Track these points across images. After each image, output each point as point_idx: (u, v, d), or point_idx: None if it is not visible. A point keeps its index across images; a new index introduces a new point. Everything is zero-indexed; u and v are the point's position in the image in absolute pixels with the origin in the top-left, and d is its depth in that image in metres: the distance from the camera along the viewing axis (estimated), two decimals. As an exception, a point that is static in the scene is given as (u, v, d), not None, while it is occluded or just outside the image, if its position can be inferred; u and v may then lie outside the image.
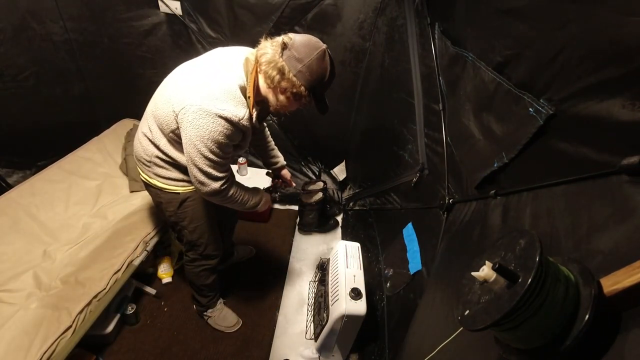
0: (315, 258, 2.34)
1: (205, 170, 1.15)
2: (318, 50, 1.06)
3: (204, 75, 1.13)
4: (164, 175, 1.32)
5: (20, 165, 2.25)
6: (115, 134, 2.26)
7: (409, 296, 1.44)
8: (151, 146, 1.27)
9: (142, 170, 1.37)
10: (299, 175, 2.70)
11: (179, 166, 1.29)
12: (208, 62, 1.18)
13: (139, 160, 1.36)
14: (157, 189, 1.37)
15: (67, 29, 1.98)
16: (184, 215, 1.43)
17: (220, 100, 1.07)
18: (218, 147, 1.11)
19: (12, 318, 1.31)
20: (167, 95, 1.15)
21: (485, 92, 0.99)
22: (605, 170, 0.59)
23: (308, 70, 1.05)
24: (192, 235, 1.50)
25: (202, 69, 1.16)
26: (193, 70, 1.17)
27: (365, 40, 2.04)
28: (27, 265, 1.52)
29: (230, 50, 1.22)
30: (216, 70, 1.14)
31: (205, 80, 1.10)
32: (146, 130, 1.27)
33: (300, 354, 1.82)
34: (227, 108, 1.07)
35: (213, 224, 1.54)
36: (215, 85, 1.09)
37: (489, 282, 0.56)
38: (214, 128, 1.07)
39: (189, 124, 1.07)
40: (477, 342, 0.80)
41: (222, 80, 1.10)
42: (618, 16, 0.58)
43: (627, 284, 0.47)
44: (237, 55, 1.17)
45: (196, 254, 1.58)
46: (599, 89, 0.62)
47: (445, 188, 1.30)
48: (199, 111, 1.06)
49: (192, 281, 1.73)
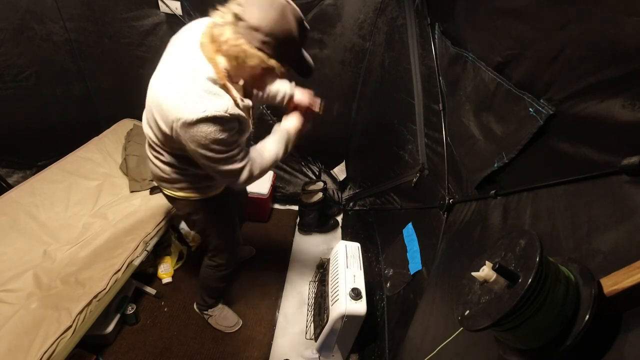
0: (315, 258, 2.34)
1: (224, 170, 1.10)
2: (275, 7, 0.89)
3: (171, 84, 1.02)
4: (189, 187, 1.30)
5: (21, 165, 2.25)
6: (115, 134, 2.26)
7: (409, 296, 1.44)
8: (167, 167, 1.24)
9: (166, 188, 1.34)
10: (299, 175, 2.69)
11: (196, 175, 1.27)
12: (169, 67, 1.06)
13: (160, 180, 1.32)
14: (185, 200, 1.34)
15: (67, 29, 1.98)
16: (212, 219, 1.44)
17: (198, 104, 0.97)
18: (222, 144, 1.04)
19: (12, 318, 1.31)
20: (153, 119, 1.09)
21: (486, 92, 0.99)
22: (605, 170, 0.59)
23: (271, 37, 0.90)
24: (219, 238, 1.52)
25: (166, 78, 1.05)
26: (160, 83, 1.06)
27: (365, 40, 2.04)
28: (27, 265, 1.51)
29: (184, 41, 1.08)
30: (180, 73, 1.02)
31: (174, 91, 1.00)
32: (155, 154, 1.23)
33: (300, 354, 1.82)
34: (208, 108, 0.97)
35: (237, 225, 1.58)
36: (185, 91, 0.99)
37: (489, 282, 0.56)
38: (207, 133, 0.99)
39: (185, 139, 1.02)
40: (477, 342, 0.80)
41: (189, 82, 0.99)
42: (618, 16, 0.58)
43: (627, 284, 0.47)
44: (192, 46, 1.03)
45: (223, 259, 1.61)
46: (599, 89, 0.62)
47: (445, 188, 1.30)
48: (184, 125, 0.98)
49: (207, 284, 1.75)
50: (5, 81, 1.95)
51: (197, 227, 1.47)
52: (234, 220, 1.57)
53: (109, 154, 2.14)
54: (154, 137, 1.16)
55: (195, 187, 1.31)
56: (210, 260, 1.64)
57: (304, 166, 2.69)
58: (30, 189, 1.81)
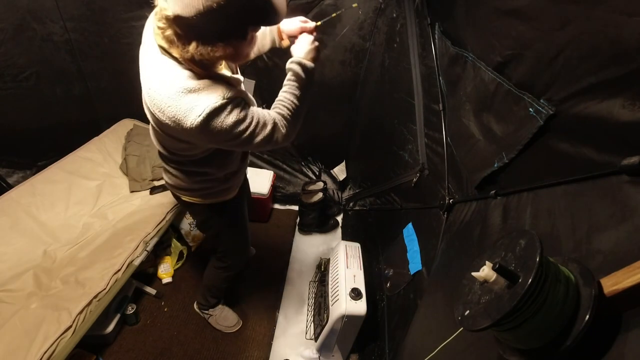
0: (315, 258, 2.34)
1: (259, 141, 1.02)
2: None
3: (162, 104, 0.93)
4: (207, 192, 1.30)
5: (21, 166, 2.25)
6: (115, 134, 2.26)
7: (409, 296, 1.44)
8: (188, 177, 1.23)
9: (183, 195, 1.32)
10: (299, 175, 2.70)
11: (217, 179, 1.27)
12: (150, 85, 0.97)
13: (178, 189, 1.30)
14: (202, 205, 1.34)
15: (67, 29, 1.98)
16: (227, 222, 1.44)
17: (194, 108, 0.90)
18: (239, 124, 0.96)
19: (12, 318, 1.31)
20: (165, 136, 1.07)
21: (486, 92, 0.99)
22: (605, 170, 0.59)
23: (211, 16, 0.78)
24: (233, 240, 1.52)
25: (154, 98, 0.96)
26: (151, 104, 0.97)
27: (365, 40, 2.04)
28: (27, 265, 1.52)
29: (147, 51, 1.00)
30: (161, 90, 0.93)
31: (168, 110, 0.92)
32: (175, 165, 1.21)
33: (300, 354, 1.82)
34: (205, 106, 0.90)
35: (248, 227, 1.57)
36: (177, 103, 0.91)
37: (489, 282, 0.56)
38: (221, 125, 0.93)
39: (210, 139, 0.98)
40: (477, 343, 0.80)
41: (174, 93, 0.91)
42: (618, 16, 0.58)
43: (627, 284, 0.47)
44: (156, 54, 0.95)
45: (233, 260, 1.61)
46: (599, 89, 0.62)
47: (445, 188, 1.30)
48: (200, 132, 0.93)
49: (213, 284, 1.75)
50: (5, 81, 1.95)
51: (211, 230, 1.47)
52: (246, 222, 1.58)
53: (109, 154, 2.14)
54: (169, 152, 1.16)
55: (214, 192, 1.30)
56: (219, 262, 1.64)
57: (304, 166, 2.69)
58: (30, 189, 1.81)
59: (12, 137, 2.13)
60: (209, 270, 1.70)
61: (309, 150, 2.64)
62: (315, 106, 2.34)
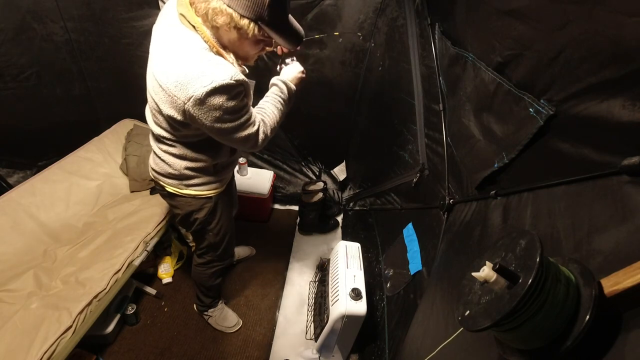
0: (315, 258, 2.34)
1: (242, 136, 1.07)
2: None
3: (169, 69, 0.97)
4: (196, 183, 1.29)
5: (21, 166, 2.25)
6: (115, 134, 2.26)
7: (409, 296, 1.44)
8: (179, 161, 1.22)
9: (170, 185, 1.31)
10: (299, 175, 2.70)
11: (206, 169, 1.27)
12: (160, 53, 1.02)
13: (166, 177, 1.29)
14: (189, 197, 1.33)
15: (67, 29, 1.98)
16: (212, 218, 1.43)
17: (201, 78, 0.93)
18: (234, 112, 1.01)
19: (12, 318, 1.31)
20: (158, 110, 1.07)
21: (486, 93, 0.99)
22: (605, 170, 0.59)
23: None
24: (217, 237, 1.51)
25: (162, 64, 1.00)
26: (158, 70, 1.01)
27: (365, 40, 2.05)
28: (27, 265, 1.51)
29: (164, 24, 1.05)
30: (173, 54, 0.98)
31: (174, 74, 0.96)
32: (166, 147, 1.21)
33: (300, 354, 1.81)
34: (214, 79, 0.92)
35: (233, 223, 1.57)
36: (185, 69, 0.94)
37: (490, 282, 0.56)
38: (219, 104, 0.96)
39: (200, 117, 0.98)
40: (477, 343, 0.80)
41: (186, 59, 0.95)
42: (618, 16, 0.58)
43: (627, 284, 0.47)
44: (173, 23, 1.00)
45: (214, 255, 1.59)
46: (600, 89, 0.62)
47: (445, 188, 1.30)
48: (196, 104, 0.95)
49: (201, 282, 1.73)
50: (5, 81, 1.95)
51: (196, 225, 1.46)
52: (230, 222, 1.56)
53: (109, 154, 2.14)
54: (163, 131, 1.15)
55: (202, 182, 1.30)
56: (200, 258, 1.63)
57: (304, 166, 2.69)
58: (30, 189, 1.81)
59: (13, 137, 2.13)
60: (193, 269, 1.70)
61: (309, 150, 2.64)
62: (315, 106, 2.35)
